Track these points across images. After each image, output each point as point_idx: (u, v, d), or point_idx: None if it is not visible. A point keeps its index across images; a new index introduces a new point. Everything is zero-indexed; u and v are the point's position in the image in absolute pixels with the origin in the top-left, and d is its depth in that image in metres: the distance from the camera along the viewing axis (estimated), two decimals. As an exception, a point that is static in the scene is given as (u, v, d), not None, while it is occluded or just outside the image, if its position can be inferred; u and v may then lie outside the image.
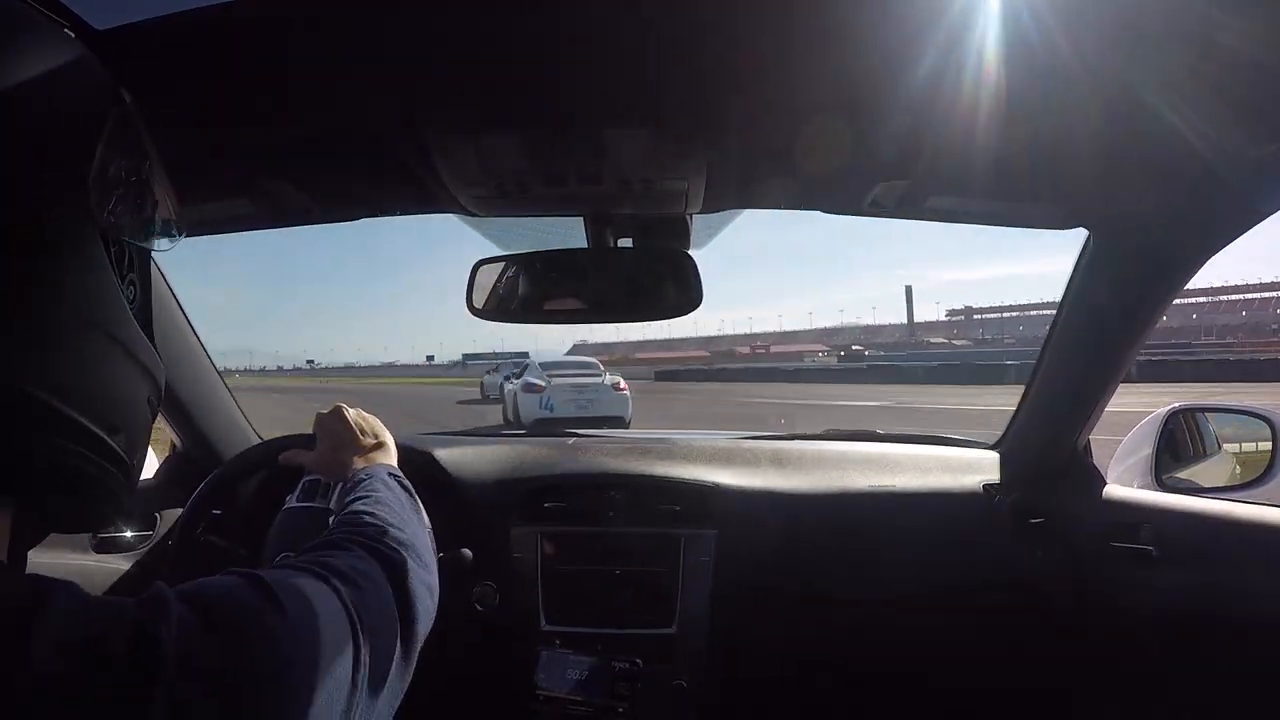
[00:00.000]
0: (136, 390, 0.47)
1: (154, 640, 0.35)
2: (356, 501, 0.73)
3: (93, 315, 0.43)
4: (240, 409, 1.59)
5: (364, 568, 0.55)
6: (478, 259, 1.23)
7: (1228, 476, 1.44)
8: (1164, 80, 0.75)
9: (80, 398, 0.41)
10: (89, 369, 0.43)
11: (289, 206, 1.15)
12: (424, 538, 0.72)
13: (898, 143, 0.94)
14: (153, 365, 0.49)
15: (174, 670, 0.35)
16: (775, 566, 1.40)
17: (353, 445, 0.95)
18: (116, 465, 0.45)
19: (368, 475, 0.82)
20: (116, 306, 0.45)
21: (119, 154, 0.45)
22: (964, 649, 1.54)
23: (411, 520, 0.73)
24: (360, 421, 0.99)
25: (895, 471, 1.52)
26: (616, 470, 1.46)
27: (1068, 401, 1.40)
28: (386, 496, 0.76)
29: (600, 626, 1.32)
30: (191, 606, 0.39)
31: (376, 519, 0.67)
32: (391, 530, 0.65)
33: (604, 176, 1.01)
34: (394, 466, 0.89)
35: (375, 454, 0.94)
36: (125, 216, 0.46)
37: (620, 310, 1.24)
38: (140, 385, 0.47)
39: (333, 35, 0.72)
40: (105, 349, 0.43)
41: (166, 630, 0.36)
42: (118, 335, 0.44)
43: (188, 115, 0.84)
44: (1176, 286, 1.15)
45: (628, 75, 0.80)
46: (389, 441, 0.98)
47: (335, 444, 0.97)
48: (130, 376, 0.46)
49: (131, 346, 0.46)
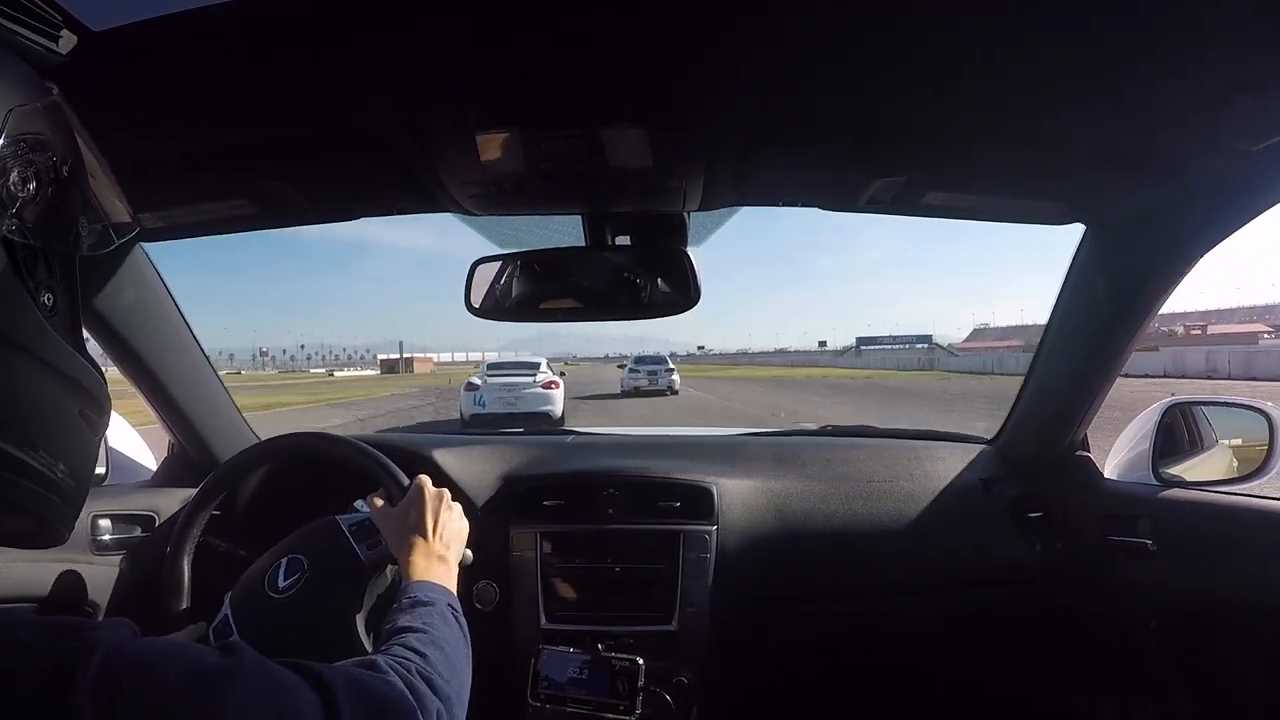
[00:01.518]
0: (60, 403, 0.44)
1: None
2: (411, 634, 0.70)
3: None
4: (238, 408, 1.58)
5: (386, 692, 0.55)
6: (475, 258, 1.23)
7: (1224, 470, 1.45)
8: (1160, 75, 0.76)
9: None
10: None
11: (286, 206, 1.15)
12: (466, 689, 0.70)
13: (895, 139, 0.94)
14: (80, 375, 0.46)
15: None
16: (774, 562, 1.40)
17: (423, 538, 0.91)
18: (40, 483, 0.42)
19: (429, 599, 0.79)
20: (25, 317, 0.42)
21: (26, 156, 0.42)
22: (962, 642, 1.55)
23: (460, 669, 0.71)
24: (441, 522, 0.94)
25: (893, 467, 1.52)
26: (615, 468, 1.47)
27: (1065, 396, 1.41)
28: (443, 636, 0.73)
29: (600, 624, 1.32)
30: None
31: (428, 663, 0.66)
32: (437, 681, 0.63)
33: (601, 175, 1.01)
34: (454, 595, 0.85)
35: (435, 566, 0.88)
36: (36, 222, 0.42)
37: (618, 308, 1.24)
38: (65, 397, 0.44)
39: (329, 36, 0.72)
40: (12, 363, 0.41)
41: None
42: (28, 347, 0.42)
43: (183, 115, 0.84)
44: (1173, 281, 1.15)
45: (625, 74, 0.80)
46: (453, 559, 0.93)
47: (411, 522, 0.93)
48: (48, 389, 0.43)
49: (49, 358, 0.43)
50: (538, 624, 1.33)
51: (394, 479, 1.04)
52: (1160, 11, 0.65)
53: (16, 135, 0.42)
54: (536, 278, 1.24)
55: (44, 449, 0.43)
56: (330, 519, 1.08)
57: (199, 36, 0.69)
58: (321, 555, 1.04)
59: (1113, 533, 1.36)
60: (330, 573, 1.02)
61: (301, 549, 1.06)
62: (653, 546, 1.36)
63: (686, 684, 1.30)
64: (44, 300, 0.44)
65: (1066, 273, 1.30)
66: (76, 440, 0.46)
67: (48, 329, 0.44)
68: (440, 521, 0.94)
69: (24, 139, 0.42)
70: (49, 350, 0.43)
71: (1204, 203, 1.01)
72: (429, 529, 0.92)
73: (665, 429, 2.06)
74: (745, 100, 0.84)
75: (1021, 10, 0.67)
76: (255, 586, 1.03)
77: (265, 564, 1.07)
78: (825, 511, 1.44)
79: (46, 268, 0.45)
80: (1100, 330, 1.28)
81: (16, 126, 0.42)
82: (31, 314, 0.42)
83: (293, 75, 0.79)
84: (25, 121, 0.42)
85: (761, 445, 1.65)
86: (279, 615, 1.01)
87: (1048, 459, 1.48)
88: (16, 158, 0.41)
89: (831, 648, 1.55)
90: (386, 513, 0.98)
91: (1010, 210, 1.18)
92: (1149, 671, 1.36)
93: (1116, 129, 0.87)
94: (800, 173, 1.10)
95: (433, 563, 0.88)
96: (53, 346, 0.44)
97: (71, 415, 0.45)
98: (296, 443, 1.20)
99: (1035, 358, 1.46)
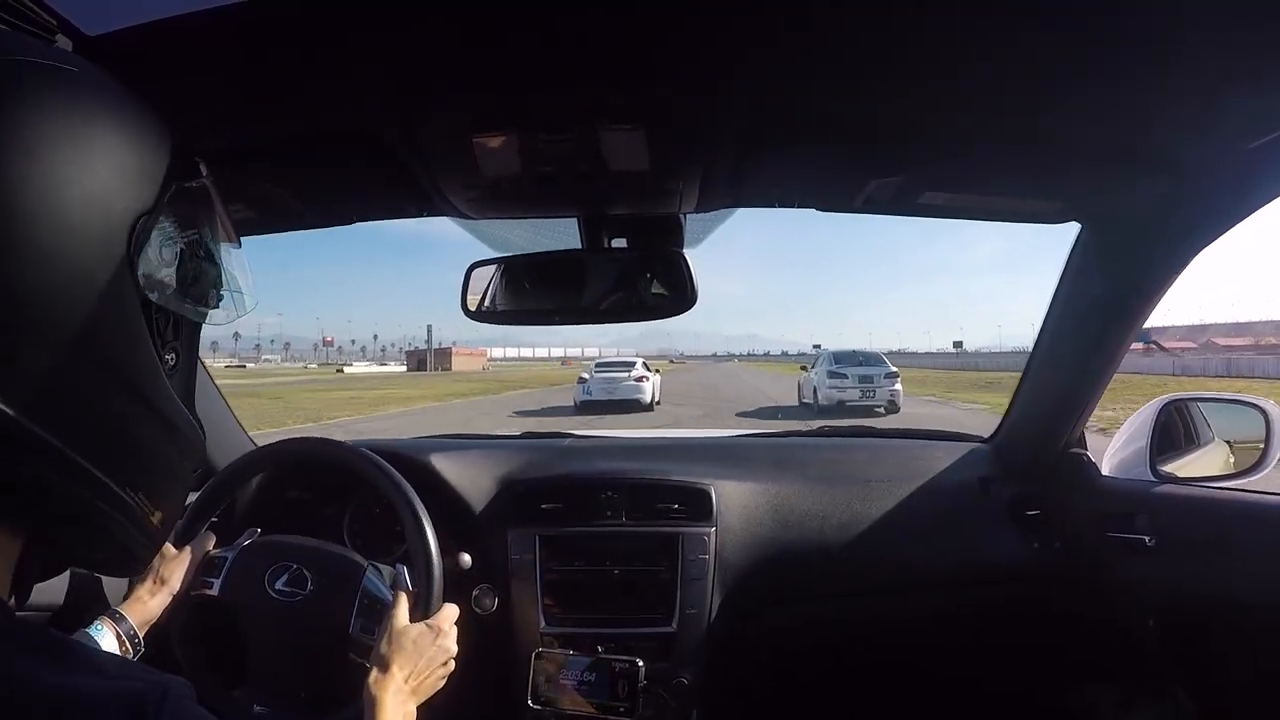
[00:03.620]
0: (167, 454, 0.48)
1: None
2: None
3: (122, 377, 0.44)
4: (234, 414, 1.58)
5: None
6: (471, 261, 1.24)
7: (1222, 466, 1.45)
8: (1155, 72, 0.76)
9: (97, 451, 0.43)
10: (113, 428, 0.44)
11: (282, 211, 1.14)
12: None
13: (891, 139, 0.94)
14: (188, 430, 0.50)
15: None
16: (773, 563, 1.40)
17: (405, 673, 0.92)
18: (134, 521, 0.46)
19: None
20: (151, 372, 0.46)
21: (178, 231, 0.47)
22: (961, 641, 1.55)
23: None
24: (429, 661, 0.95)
25: (891, 467, 1.53)
26: (613, 470, 1.46)
27: (1061, 393, 1.41)
28: None
29: (600, 627, 1.32)
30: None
31: None
32: None
33: (598, 177, 1.01)
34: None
35: (397, 710, 0.89)
36: (176, 288, 0.47)
37: (615, 311, 1.24)
38: (172, 450, 0.49)
39: (324, 38, 0.71)
40: (134, 411, 0.45)
41: None
42: (150, 400, 0.46)
43: (178, 121, 0.84)
44: (1169, 279, 1.16)
45: (621, 75, 0.80)
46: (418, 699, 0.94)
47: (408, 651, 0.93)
48: (160, 440, 0.47)
49: (165, 411, 0.47)
50: (537, 627, 1.33)
51: (430, 589, 1.03)
52: (1155, 8, 0.66)
53: (174, 210, 0.47)
54: (533, 280, 1.24)
55: (144, 492, 0.46)
56: (360, 565, 1.08)
57: (194, 41, 0.69)
58: (325, 591, 1.05)
59: (1111, 530, 1.36)
60: (321, 614, 1.05)
61: (314, 569, 1.06)
62: (651, 549, 1.36)
63: (686, 685, 1.30)
64: (168, 359, 0.48)
65: (1062, 271, 1.30)
66: (174, 490, 0.51)
67: (167, 385, 0.47)
68: (429, 660, 0.95)
69: (176, 215, 0.47)
70: (166, 405, 0.47)
71: (1200, 200, 1.01)
72: (417, 668, 0.93)
73: (662, 431, 2.06)
74: (742, 101, 0.84)
75: (1016, 9, 0.67)
76: (255, 569, 1.06)
77: (275, 555, 1.08)
78: (823, 512, 1.44)
79: (174, 330, 0.49)
80: (1097, 327, 1.28)
81: (175, 202, 0.46)
82: (156, 370, 0.46)
83: (289, 79, 0.79)
84: (180, 199, 0.47)
85: (759, 447, 1.65)
86: (262, 609, 1.05)
87: (1045, 457, 1.48)
88: (166, 231, 0.46)
89: (830, 648, 1.55)
90: (401, 622, 0.97)
91: (1007, 209, 1.18)
92: (1148, 668, 1.37)
93: (1112, 127, 0.88)
94: (797, 173, 1.10)
95: (398, 708, 0.89)
96: (170, 401, 0.48)
97: (175, 466, 0.50)
98: (316, 449, 1.21)
99: (1032, 356, 1.46)
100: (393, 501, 1.09)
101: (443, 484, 1.42)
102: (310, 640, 1.04)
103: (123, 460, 0.45)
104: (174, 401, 0.48)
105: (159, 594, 1.01)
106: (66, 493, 0.42)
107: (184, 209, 0.48)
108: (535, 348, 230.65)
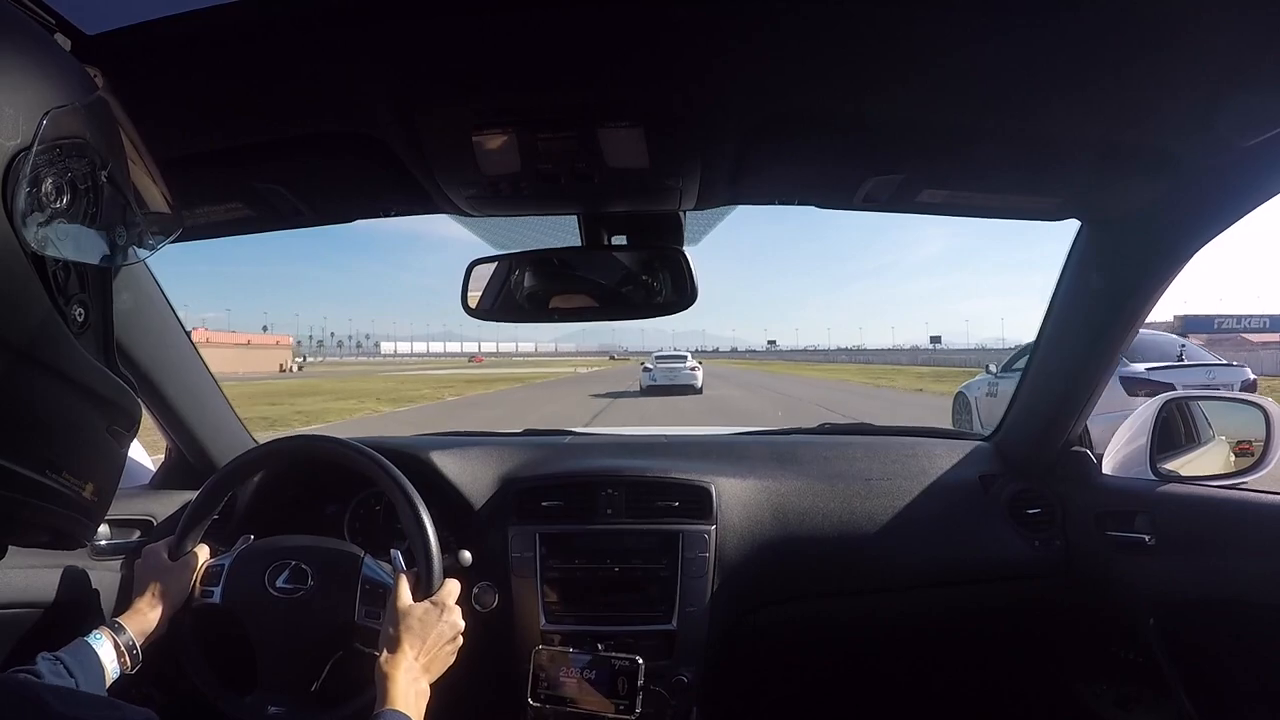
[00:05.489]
0: (87, 422, 0.42)
1: None
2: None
3: (17, 349, 0.37)
4: (235, 412, 1.58)
5: None
6: (472, 259, 1.23)
7: (1222, 464, 1.45)
8: (1154, 71, 0.76)
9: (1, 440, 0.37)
10: (16, 411, 0.38)
11: (281, 209, 1.15)
12: None
13: (890, 136, 0.94)
14: (110, 391, 0.43)
15: None
16: (773, 561, 1.40)
17: (414, 652, 0.92)
18: (60, 503, 0.41)
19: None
20: (51, 334, 0.39)
21: (61, 163, 0.39)
22: (961, 639, 1.55)
23: None
24: (437, 637, 0.96)
25: (891, 465, 1.52)
26: (613, 468, 1.46)
27: (1062, 391, 1.41)
28: None
29: (600, 624, 1.32)
30: None
31: None
32: None
33: (597, 174, 1.01)
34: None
35: (409, 689, 0.89)
36: (68, 235, 0.39)
37: (615, 308, 1.24)
38: (93, 416, 0.42)
39: (323, 37, 0.72)
40: (38, 383, 0.38)
41: None
42: (54, 366, 0.39)
43: (178, 119, 0.84)
44: (1169, 276, 1.16)
45: (620, 73, 0.80)
46: (430, 677, 0.95)
47: (415, 630, 0.94)
48: (75, 409, 0.41)
49: (76, 376, 0.41)
50: (537, 625, 1.33)
51: (429, 567, 1.04)
52: (1154, 6, 0.66)
53: (52, 141, 0.38)
54: (533, 278, 1.24)
55: (67, 470, 0.41)
56: (356, 555, 1.08)
57: (193, 39, 0.69)
58: (326, 582, 1.06)
59: (1111, 528, 1.36)
60: (326, 605, 1.06)
61: (313, 563, 1.07)
62: (652, 546, 1.36)
63: (686, 683, 1.30)
64: (75, 315, 0.41)
65: (1062, 268, 1.30)
66: (103, 457, 0.45)
67: (76, 346, 0.41)
68: (437, 636, 0.95)
69: (60, 144, 0.39)
70: (77, 368, 0.41)
71: (1198, 198, 1.01)
72: (425, 645, 0.93)
73: (663, 429, 2.06)
74: (741, 98, 0.84)
75: (1015, 7, 0.67)
76: (254, 572, 1.07)
77: (273, 555, 1.09)
78: (824, 510, 1.44)
79: (79, 280, 0.42)
80: (1097, 325, 1.28)
81: (53, 131, 0.38)
82: (59, 331, 0.40)
83: (289, 77, 0.79)
84: (63, 124, 0.39)
85: (759, 444, 1.65)
86: (267, 609, 1.06)
87: (1046, 455, 1.48)
88: (50, 165, 0.38)
89: (830, 645, 1.56)
90: (404, 601, 0.98)
91: (1006, 207, 1.18)
92: (1148, 667, 1.36)
93: (1110, 124, 0.88)
94: (796, 170, 1.10)
95: (410, 686, 0.89)
96: (81, 364, 0.41)
97: (99, 433, 0.44)
98: (316, 447, 1.21)
99: (1032, 354, 1.46)
100: (382, 486, 1.10)
101: (444, 481, 1.42)
102: (317, 632, 1.05)
103: (35, 444, 0.39)
104: (87, 363, 0.42)
105: (158, 606, 1.00)
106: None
107: (73, 134, 0.40)
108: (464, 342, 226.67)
